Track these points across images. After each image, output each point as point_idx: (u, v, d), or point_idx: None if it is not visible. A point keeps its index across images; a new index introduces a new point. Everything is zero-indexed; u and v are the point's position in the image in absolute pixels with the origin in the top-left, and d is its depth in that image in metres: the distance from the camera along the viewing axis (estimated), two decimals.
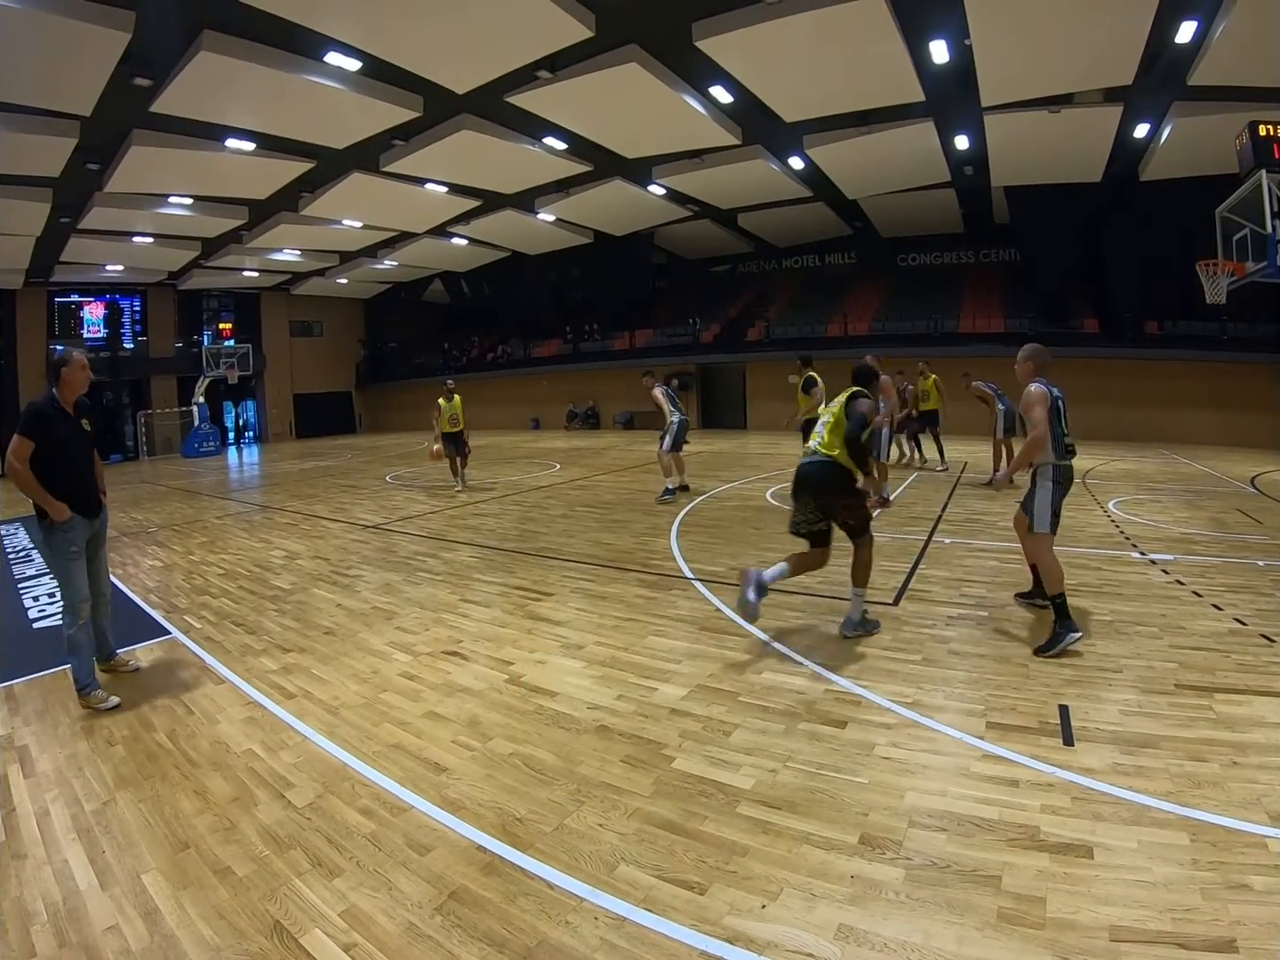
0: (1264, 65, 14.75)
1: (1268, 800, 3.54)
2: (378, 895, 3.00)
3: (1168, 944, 2.65)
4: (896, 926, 2.77)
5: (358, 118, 17.29)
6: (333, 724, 4.57)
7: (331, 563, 9.06)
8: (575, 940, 2.73)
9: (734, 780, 3.81)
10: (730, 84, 16.96)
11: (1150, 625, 6.17)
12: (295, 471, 20.84)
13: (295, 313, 39.65)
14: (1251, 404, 23.55)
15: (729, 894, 2.95)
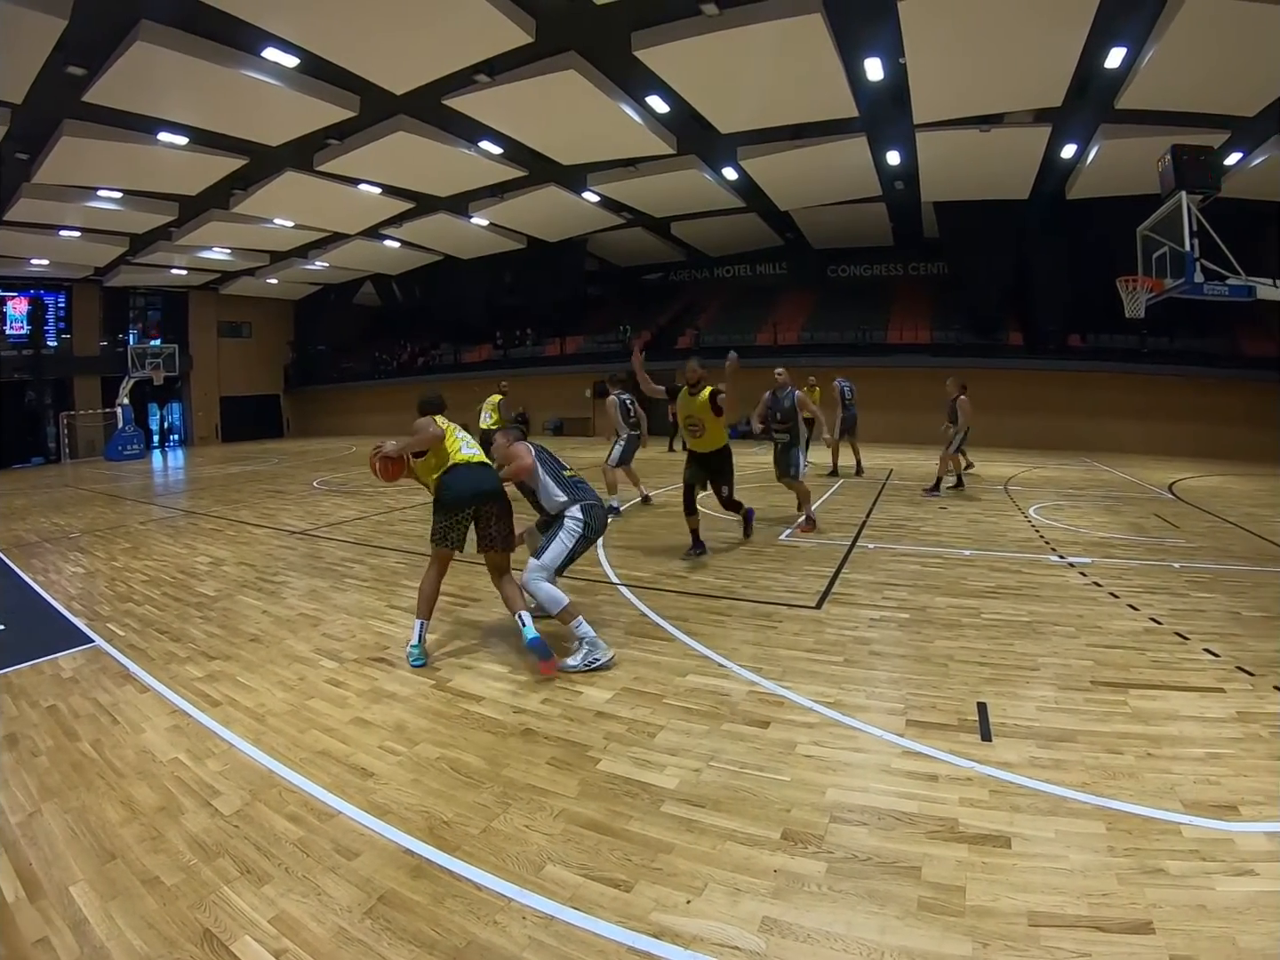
0: (1188, 91, 15.40)
1: (1181, 789, 3.72)
2: (307, 900, 3.00)
3: (1086, 927, 2.77)
4: (819, 917, 2.85)
5: (293, 115, 17.13)
6: (259, 731, 4.53)
7: (257, 569, 8.94)
8: (504, 939, 2.76)
9: (659, 780, 3.87)
10: (667, 94, 17.13)
11: (1067, 625, 6.40)
12: (221, 476, 20.45)
13: (224, 313, 38.80)
14: (1172, 414, 24.57)
15: (655, 891, 3.01)
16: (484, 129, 18.86)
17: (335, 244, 29.80)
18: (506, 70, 15.75)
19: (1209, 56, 13.87)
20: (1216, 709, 4.67)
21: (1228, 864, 3.13)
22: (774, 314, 31.87)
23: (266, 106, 16.42)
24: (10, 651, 6.09)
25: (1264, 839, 3.31)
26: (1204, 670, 5.33)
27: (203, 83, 14.93)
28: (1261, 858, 3.17)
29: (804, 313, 31.95)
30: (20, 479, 23.06)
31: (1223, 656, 5.59)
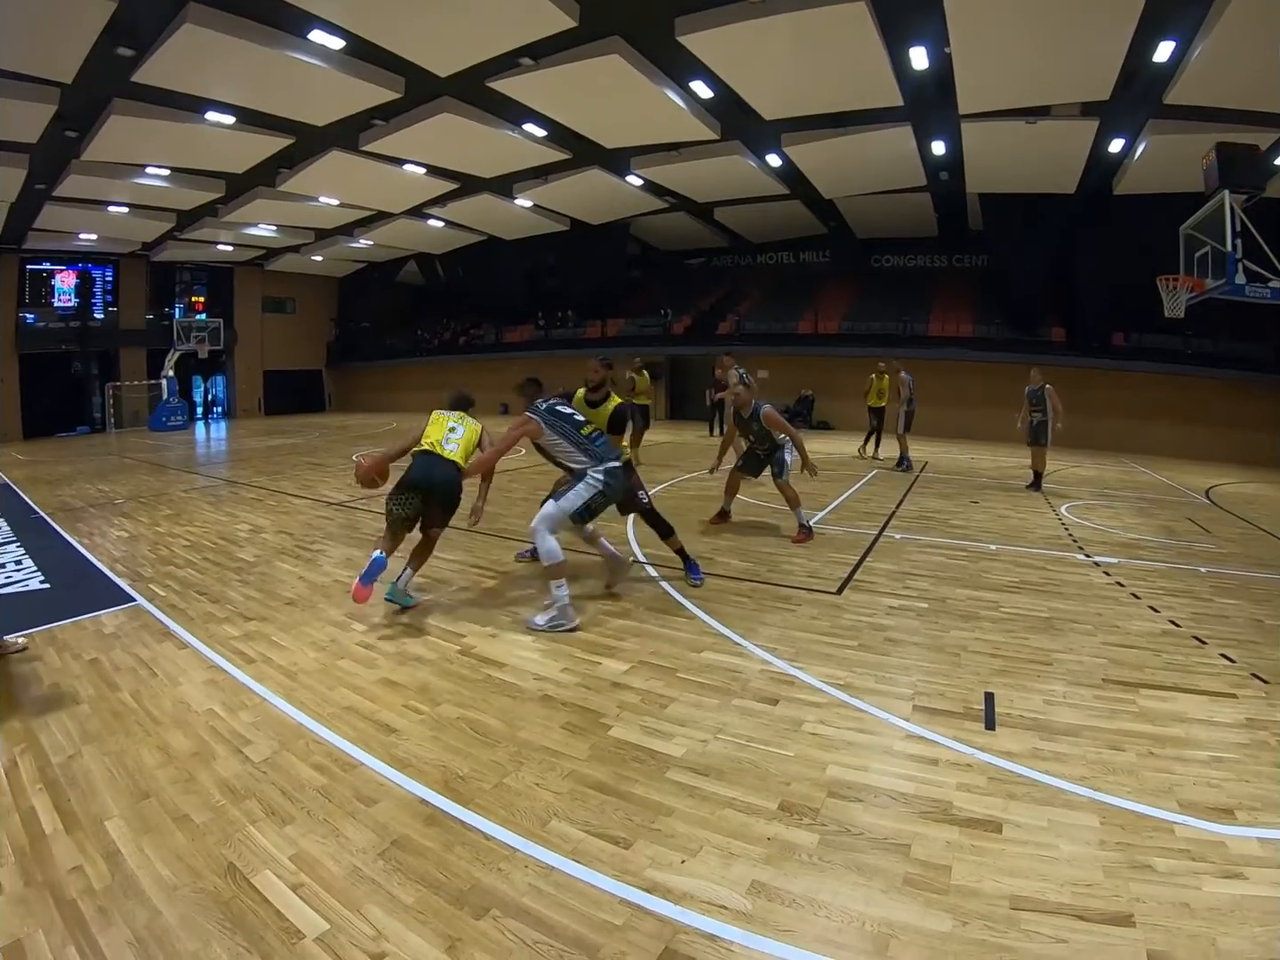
0: (1238, 88, 15.10)
1: (1179, 790, 3.75)
2: (325, 841, 3.18)
3: (1066, 915, 2.85)
4: (806, 885, 2.98)
5: (339, 96, 17.27)
6: (290, 687, 4.73)
7: (295, 537, 9.15)
8: (506, 885, 2.93)
9: (666, 748, 4.02)
10: (710, 79, 17.08)
11: (1085, 623, 6.41)
12: (262, 448, 20.75)
13: (268, 289, 39.14)
14: (1212, 418, 24.08)
15: (652, 850, 3.16)
16: (528, 111, 18.90)
17: (380, 223, 29.99)
18: (550, 54, 15.81)
19: (1260, 52, 13.59)
20: (1226, 714, 4.69)
21: (1217, 866, 3.19)
22: (816, 302, 31.52)
23: (312, 87, 16.58)
24: (55, 608, 6.33)
25: (1257, 844, 3.34)
26: (1218, 675, 5.34)
27: (249, 64, 15.14)
28: (1252, 862, 3.22)
29: (846, 302, 31.64)
30: (66, 447, 23.52)
31: (1239, 663, 5.59)
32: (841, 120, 19.32)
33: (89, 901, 2.79)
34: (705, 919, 2.77)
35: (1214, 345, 24.18)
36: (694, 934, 2.69)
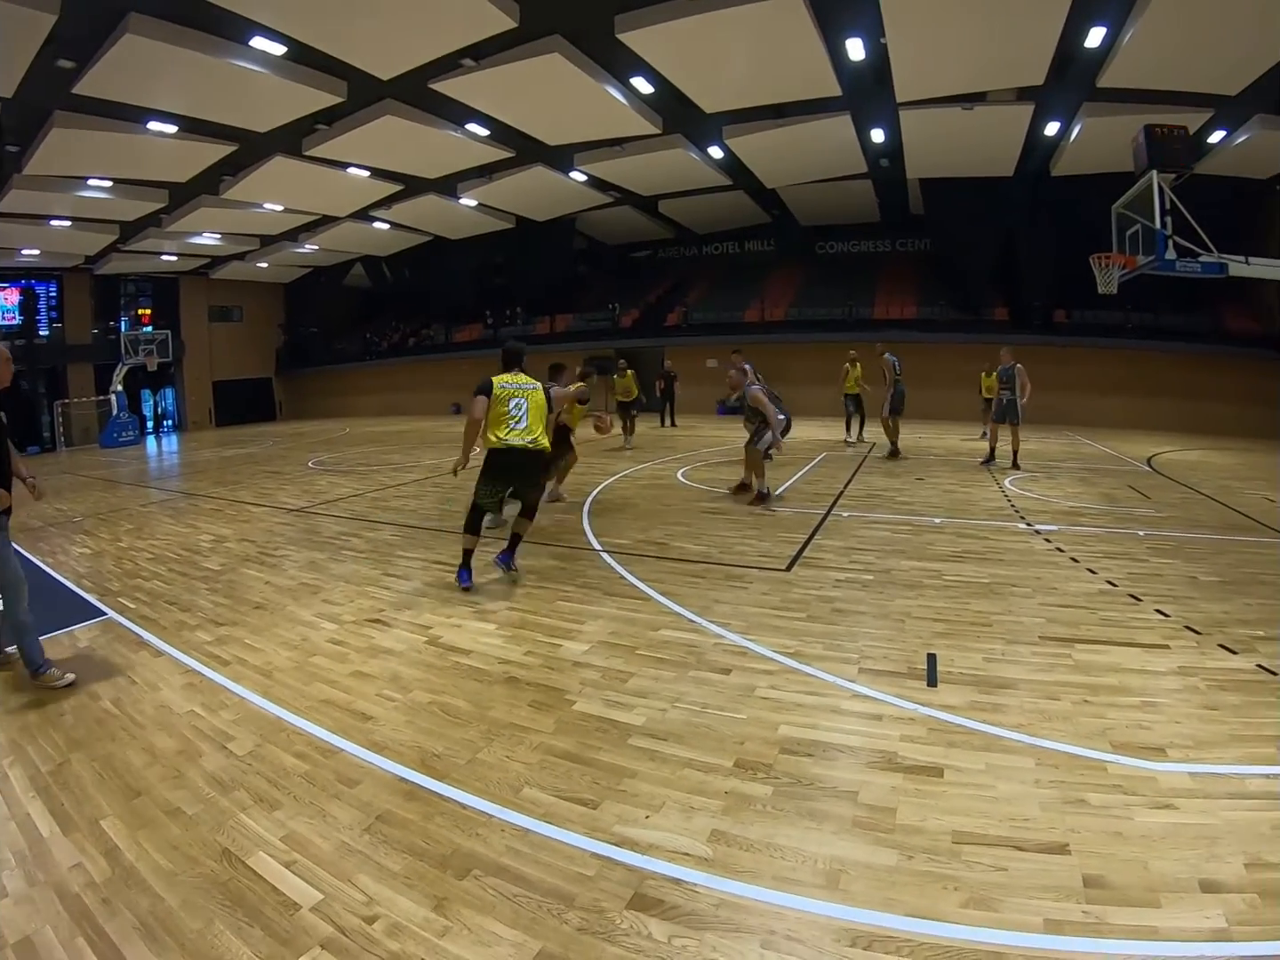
0: (1170, 70, 15.63)
1: (1112, 733, 4.04)
2: (313, 822, 3.39)
3: (1005, 846, 3.12)
4: (762, 831, 3.25)
5: (281, 102, 17.27)
6: (267, 685, 4.90)
7: (258, 544, 9.23)
8: (485, 848, 3.17)
9: (627, 718, 4.28)
10: (651, 75, 17.30)
11: (1025, 586, 6.75)
12: (217, 459, 20.64)
13: (214, 298, 38.68)
14: (1156, 389, 24.81)
15: (618, 808, 3.42)
16: (471, 112, 19.00)
17: (325, 226, 29.83)
18: (492, 54, 15.92)
19: (1189, 36, 14.09)
20: (1159, 663, 4.99)
21: (1148, 798, 3.44)
22: (762, 290, 31.96)
23: (255, 94, 16.57)
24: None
25: (1187, 778, 3.60)
26: (1152, 629, 5.66)
27: (191, 72, 15.09)
28: (1182, 794, 3.48)
29: (792, 289, 32.11)
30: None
31: (1173, 617, 5.91)
32: (781, 111, 19.61)
33: (92, 895, 2.94)
34: (670, 865, 3.02)
35: (1155, 319, 24.82)
36: (661, 879, 2.94)
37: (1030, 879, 2.92)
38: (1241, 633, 5.56)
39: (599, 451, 17.16)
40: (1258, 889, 2.83)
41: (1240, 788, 3.54)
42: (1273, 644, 5.33)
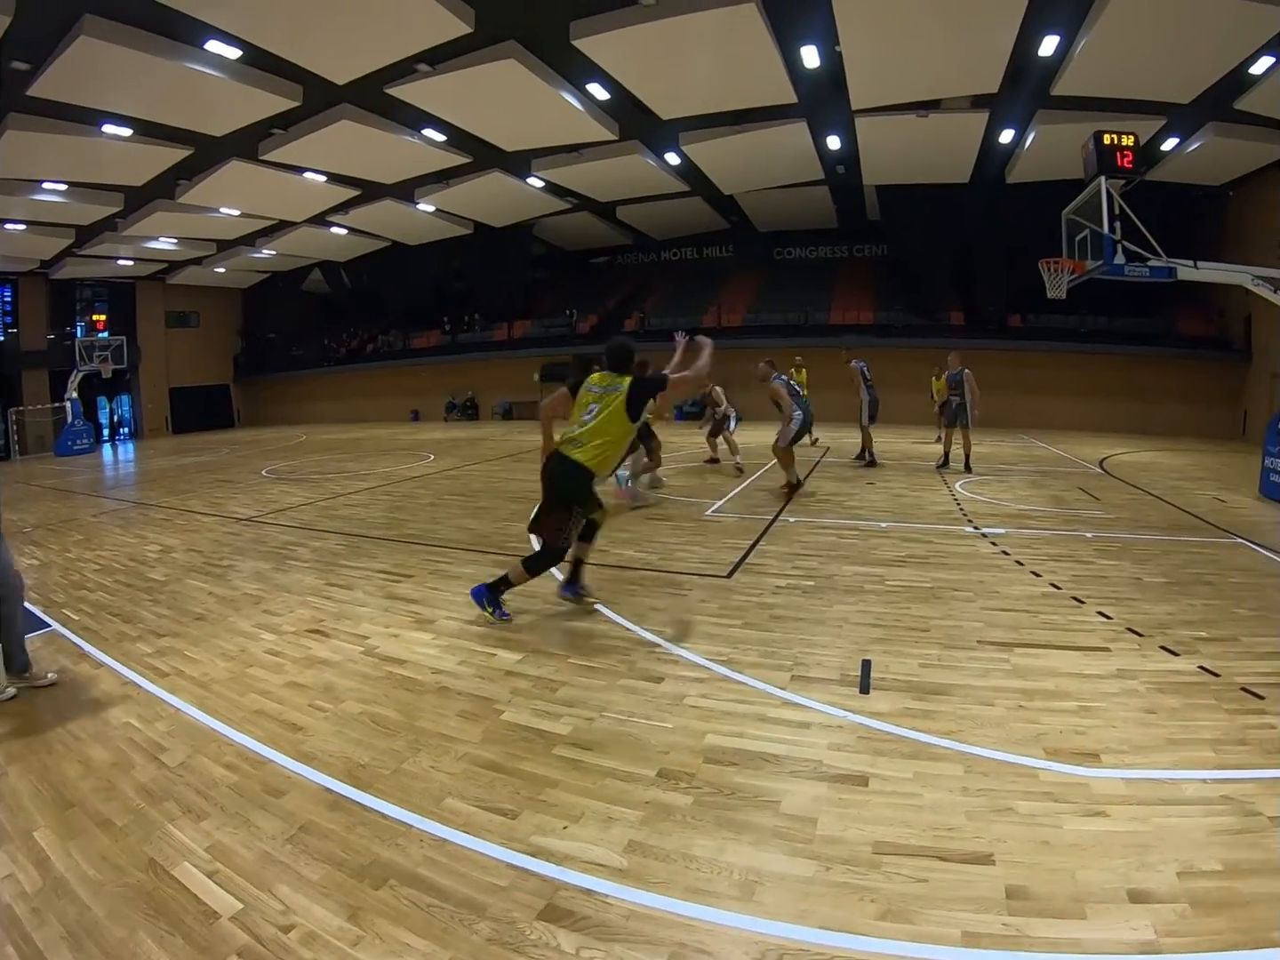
0: (1123, 78, 15.97)
1: (1046, 738, 4.03)
2: (238, 832, 3.39)
3: (927, 857, 3.09)
4: (679, 841, 3.25)
5: (237, 106, 17.20)
6: (203, 696, 4.87)
7: (205, 555, 9.15)
8: (403, 858, 3.17)
9: (554, 728, 4.28)
10: (607, 82, 17.41)
11: (967, 591, 6.81)
12: (172, 468, 20.40)
13: (171, 303, 38.24)
14: (1110, 392, 25.32)
15: (537, 818, 3.42)
16: (427, 117, 19.02)
17: (282, 232, 29.65)
18: (447, 60, 15.95)
19: (1142, 45, 14.38)
20: (1097, 666, 5.02)
21: (1079, 806, 3.43)
22: (720, 296, 32.24)
23: (210, 98, 16.48)
24: None
25: (1121, 784, 3.60)
26: (1093, 631, 5.72)
27: (147, 75, 14.99)
28: (1115, 801, 3.47)
29: (749, 294, 32.40)
30: None
31: (1115, 619, 5.97)
32: (738, 118, 19.78)
33: (23, 904, 2.94)
34: (584, 876, 3.02)
35: (1109, 322, 25.30)
36: (573, 890, 2.94)
37: (950, 890, 2.91)
38: (1184, 634, 5.63)
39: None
40: (1189, 899, 2.82)
41: (1175, 793, 3.55)
42: (1215, 645, 5.41)
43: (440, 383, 35.86)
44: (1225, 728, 4.15)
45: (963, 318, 27.39)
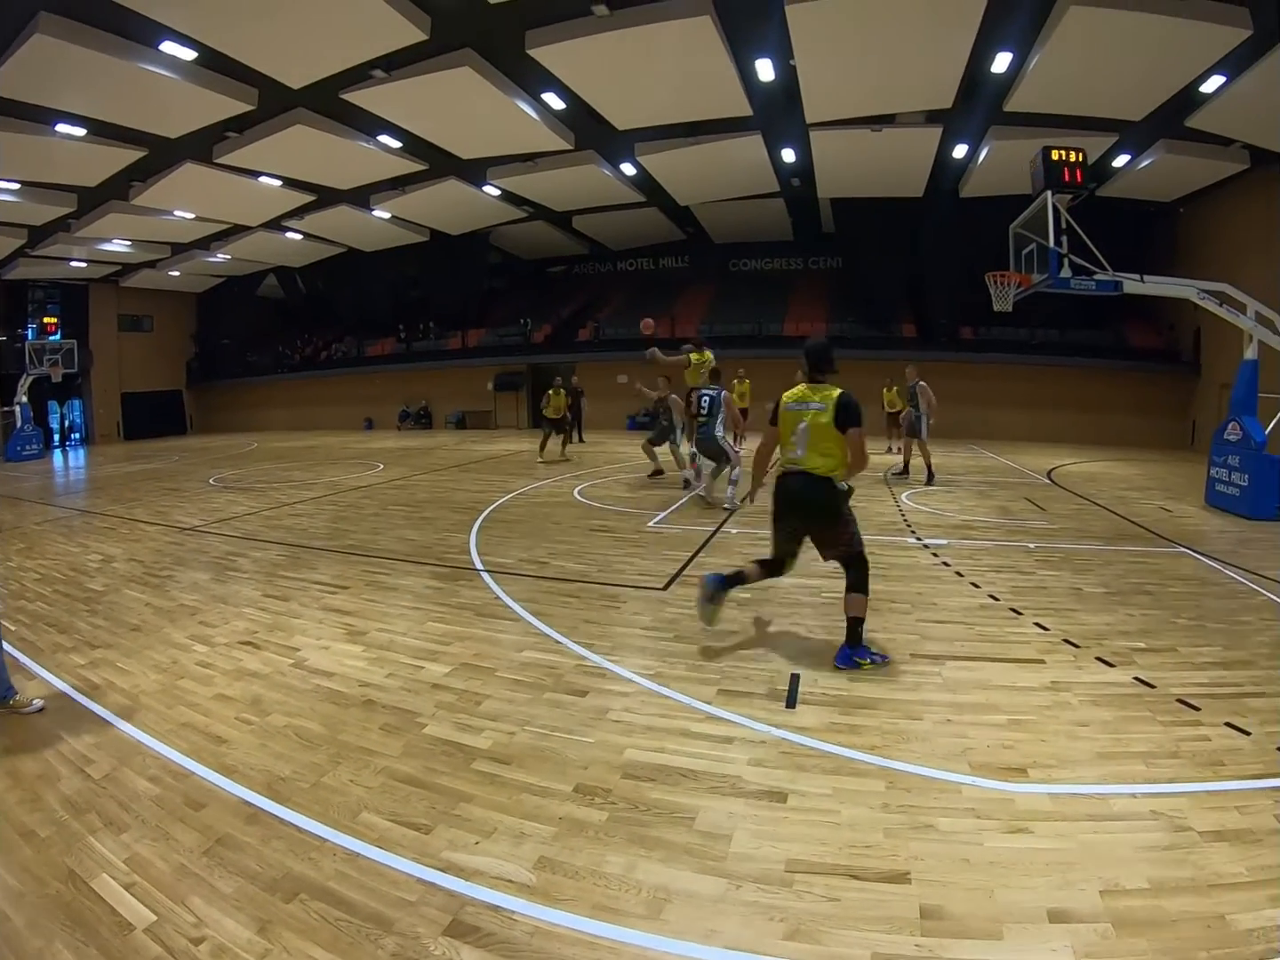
0: (1075, 95, 16.27)
1: (972, 753, 4.05)
2: (156, 844, 3.39)
3: (841, 875, 3.11)
4: (589, 858, 3.26)
5: (191, 108, 17.03)
6: (132, 708, 4.84)
7: (145, 565, 9.05)
8: (315, 872, 3.18)
9: (474, 742, 4.29)
10: (562, 91, 17.44)
11: (904, 602, 6.87)
12: (120, 475, 20.14)
13: (125, 306, 37.66)
14: (1060, 403, 25.75)
15: (450, 833, 3.43)
16: (383, 123, 18.97)
17: (237, 236, 29.32)
18: (403, 66, 15.93)
19: (1094, 62, 14.66)
20: (1030, 679, 5.07)
21: (1002, 822, 3.44)
22: (675, 307, 32.29)
23: (165, 99, 16.32)
24: None
25: (1047, 799, 3.62)
26: (1029, 643, 5.78)
27: (101, 75, 14.85)
28: (1039, 817, 3.48)
29: (704, 305, 32.58)
30: None
31: (1052, 630, 6.05)
32: (694, 130, 19.89)
33: None
34: (491, 892, 3.03)
35: (1060, 335, 25.69)
36: (480, 906, 2.95)
37: (863, 909, 2.90)
38: (1121, 645, 5.71)
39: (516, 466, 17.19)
40: (1112, 918, 2.81)
41: (1103, 809, 3.56)
42: (1153, 655, 5.48)
43: (394, 391, 35.63)
44: (1158, 740, 4.19)
45: (915, 330, 27.70)
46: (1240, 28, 13.19)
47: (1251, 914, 2.82)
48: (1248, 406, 12.14)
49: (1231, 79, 15.13)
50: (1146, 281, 12.14)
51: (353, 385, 36.52)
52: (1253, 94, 15.37)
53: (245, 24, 13.71)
